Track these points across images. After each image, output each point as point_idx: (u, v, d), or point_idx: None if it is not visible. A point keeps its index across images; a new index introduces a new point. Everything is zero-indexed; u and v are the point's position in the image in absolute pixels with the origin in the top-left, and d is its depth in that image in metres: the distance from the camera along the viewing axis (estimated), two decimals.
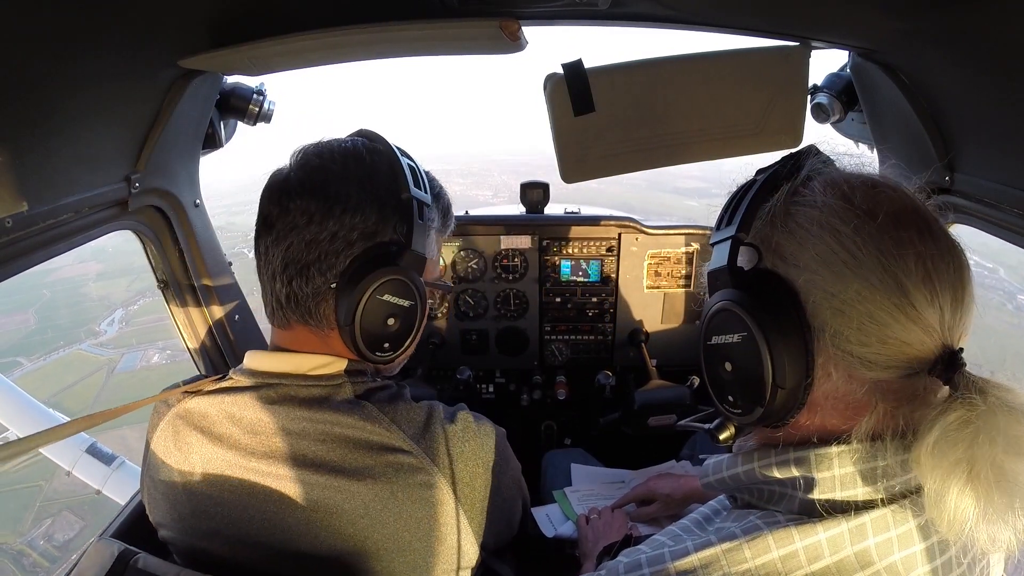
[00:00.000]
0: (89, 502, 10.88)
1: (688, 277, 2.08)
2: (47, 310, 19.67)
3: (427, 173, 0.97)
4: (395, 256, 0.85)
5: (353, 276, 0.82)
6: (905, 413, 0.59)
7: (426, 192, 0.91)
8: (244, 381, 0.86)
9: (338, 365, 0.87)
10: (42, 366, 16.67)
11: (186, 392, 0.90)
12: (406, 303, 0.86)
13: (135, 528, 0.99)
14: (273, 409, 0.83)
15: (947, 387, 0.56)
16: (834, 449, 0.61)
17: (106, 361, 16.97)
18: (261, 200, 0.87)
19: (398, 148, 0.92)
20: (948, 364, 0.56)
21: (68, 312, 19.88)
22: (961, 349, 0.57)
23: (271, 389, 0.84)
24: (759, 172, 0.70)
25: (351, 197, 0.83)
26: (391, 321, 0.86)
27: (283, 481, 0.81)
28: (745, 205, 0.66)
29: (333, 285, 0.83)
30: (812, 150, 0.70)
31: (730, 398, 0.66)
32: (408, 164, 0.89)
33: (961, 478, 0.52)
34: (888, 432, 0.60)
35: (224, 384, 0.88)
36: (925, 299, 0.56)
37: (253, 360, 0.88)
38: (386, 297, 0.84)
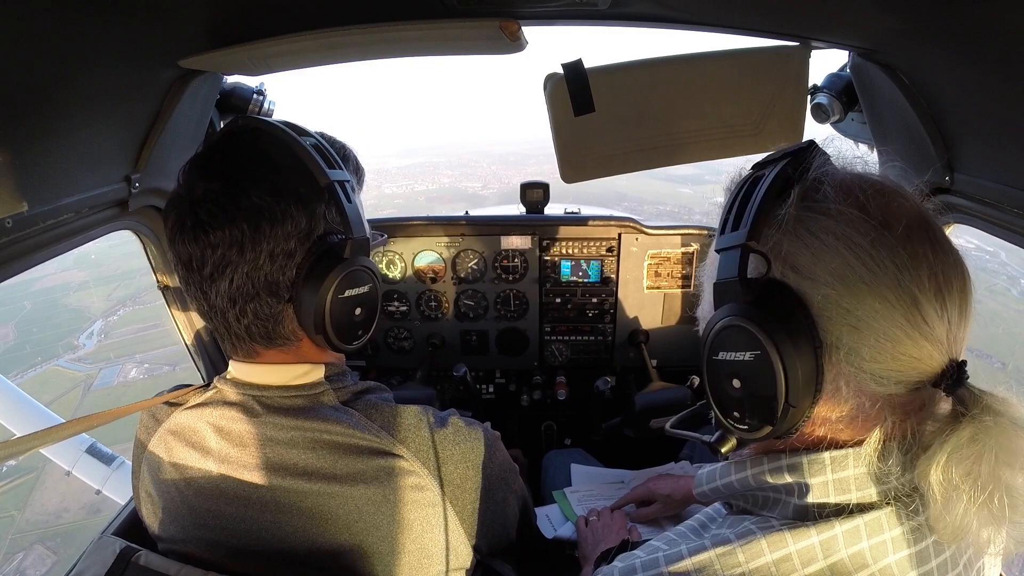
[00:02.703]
0: (61, 534, 10.50)
1: (688, 277, 2.08)
2: (27, 323, 19.23)
3: (327, 138, 0.90)
4: (339, 249, 0.81)
5: (306, 284, 0.79)
6: (912, 424, 0.59)
7: (340, 167, 0.84)
8: (228, 393, 0.85)
9: (316, 373, 0.86)
10: (18, 384, 16.02)
11: (169, 403, 0.90)
12: (366, 288, 0.85)
13: (136, 526, 1.00)
14: (259, 421, 0.82)
15: (950, 398, 0.56)
16: (826, 455, 0.61)
17: (83, 377, 16.45)
18: (170, 242, 0.80)
19: (290, 126, 0.83)
20: (955, 379, 0.56)
21: (48, 325, 19.33)
22: (964, 362, 0.57)
23: (255, 401, 0.84)
24: (756, 167, 0.68)
25: (273, 207, 0.77)
26: (358, 311, 0.85)
27: (277, 491, 0.81)
28: (754, 209, 0.62)
29: (288, 298, 0.80)
30: (815, 148, 0.66)
31: (736, 414, 0.64)
32: (311, 143, 0.81)
33: (967, 493, 0.53)
34: (895, 442, 0.60)
35: (208, 396, 0.87)
36: (936, 313, 0.56)
37: (236, 370, 0.87)
38: (347, 293, 0.82)
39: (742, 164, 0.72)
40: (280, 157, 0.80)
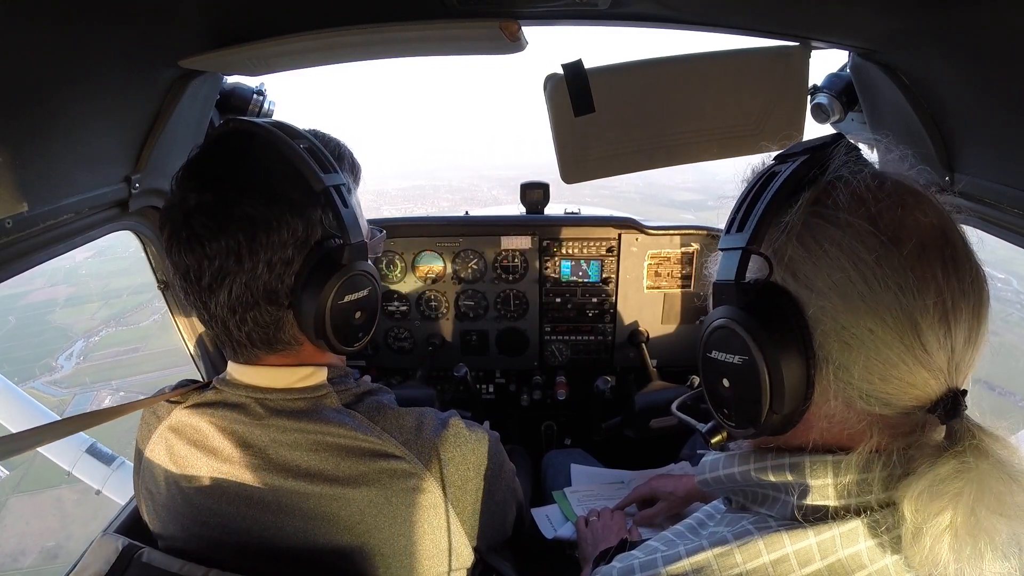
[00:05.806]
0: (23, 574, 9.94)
1: (688, 277, 2.08)
2: (8, 340, 18.63)
3: (320, 137, 0.88)
4: (337, 255, 0.80)
5: (306, 291, 0.78)
6: (899, 445, 0.58)
7: (335, 170, 0.82)
8: (230, 395, 0.85)
9: (319, 376, 0.86)
10: None
11: (171, 401, 0.89)
12: (365, 291, 0.85)
13: (138, 524, 1.00)
14: (262, 423, 0.82)
15: (943, 427, 0.55)
16: (830, 458, 0.61)
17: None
18: (166, 252, 0.79)
19: (281, 127, 0.81)
20: (950, 409, 0.54)
21: (29, 343, 18.54)
22: (965, 392, 0.56)
23: (258, 404, 0.84)
24: (777, 158, 0.65)
25: (267, 216, 0.76)
26: (359, 315, 0.85)
27: (278, 492, 0.81)
28: (760, 210, 0.59)
29: (288, 304, 0.80)
30: (842, 143, 0.62)
31: (725, 411, 0.66)
32: (305, 146, 0.80)
33: (940, 526, 0.52)
34: (880, 460, 0.59)
35: (209, 396, 0.87)
36: (937, 340, 0.54)
37: (237, 372, 0.86)
38: (346, 299, 0.81)
39: (744, 171, 0.70)
40: (272, 162, 0.78)
